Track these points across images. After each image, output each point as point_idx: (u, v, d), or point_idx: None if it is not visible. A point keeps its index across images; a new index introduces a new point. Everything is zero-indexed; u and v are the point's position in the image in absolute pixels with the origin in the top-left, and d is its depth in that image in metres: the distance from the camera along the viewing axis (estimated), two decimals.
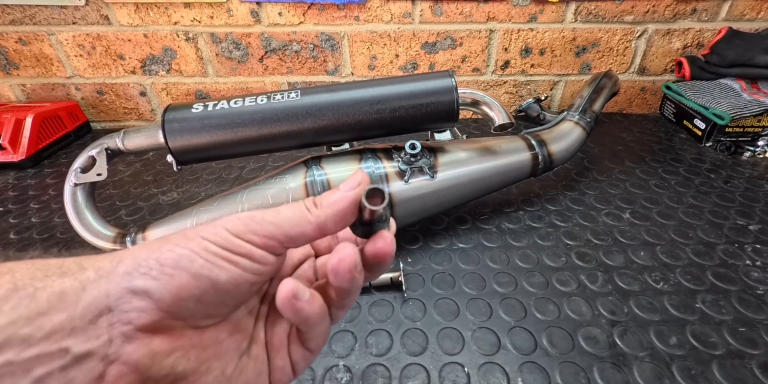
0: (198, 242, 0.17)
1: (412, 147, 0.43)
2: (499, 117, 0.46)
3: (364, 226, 0.20)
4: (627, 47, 0.79)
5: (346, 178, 0.20)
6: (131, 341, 0.16)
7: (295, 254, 0.24)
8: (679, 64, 0.77)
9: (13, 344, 0.14)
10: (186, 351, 0.17)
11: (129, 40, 0.78)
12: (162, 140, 0.41)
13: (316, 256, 0.25)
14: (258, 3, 0.74)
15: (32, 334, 0.14)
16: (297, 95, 0.42)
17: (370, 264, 0.20)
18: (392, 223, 0.22)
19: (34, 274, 0.16)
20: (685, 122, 0.75)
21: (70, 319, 0.15)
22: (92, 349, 0.15)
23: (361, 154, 0.45)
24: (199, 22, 0.76)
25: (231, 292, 0.18)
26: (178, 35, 0.77)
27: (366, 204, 0.19)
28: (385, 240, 0.20)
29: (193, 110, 0.41)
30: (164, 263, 0.16)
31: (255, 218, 0.18)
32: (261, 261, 0.18)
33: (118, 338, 0.16)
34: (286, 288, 0.18)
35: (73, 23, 0.76)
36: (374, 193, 0.19)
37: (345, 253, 0.18)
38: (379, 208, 0.19)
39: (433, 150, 0.46)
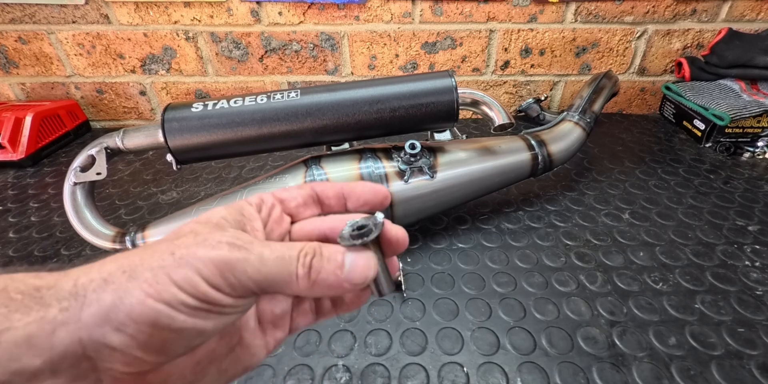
0: (173, 293, 0.15)
1: (412, 147, 0.43)
2: (498, 117, 0.46)
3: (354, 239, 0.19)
4: (627, 48, 0.79)
5: (355, 261, 0.19)
6: (120, 382, 0.15)
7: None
8: (679, 65, 0.77)
9: None
10: (180, 372, 0.17)
11: (129, 39, 0.78)
12: (162, 139, 0.41)
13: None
14: (258, 2, 0.74)
15: (11, 381, 0.14)
16: (297, 95, 0.42)
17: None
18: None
19: None
20: (684, 123, 0.75)
21: (49, 363, 0.14)
22: None
23: (360, 154, 0.45)
24: (199, 21, 0.76)
25: (216, 332, 0.17)
26: (177, 34, 0.77)
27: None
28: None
29: (193, 109, 0.41)
30: (139, 320, 0.15)
31: (234, 268, 0.16)
32: (245, 305, 0.18)
33: (107, 379, 0.15)
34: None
35: (73, 22, 0.76)
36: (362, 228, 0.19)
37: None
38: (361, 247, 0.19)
39: (433, 150, 0.46)
